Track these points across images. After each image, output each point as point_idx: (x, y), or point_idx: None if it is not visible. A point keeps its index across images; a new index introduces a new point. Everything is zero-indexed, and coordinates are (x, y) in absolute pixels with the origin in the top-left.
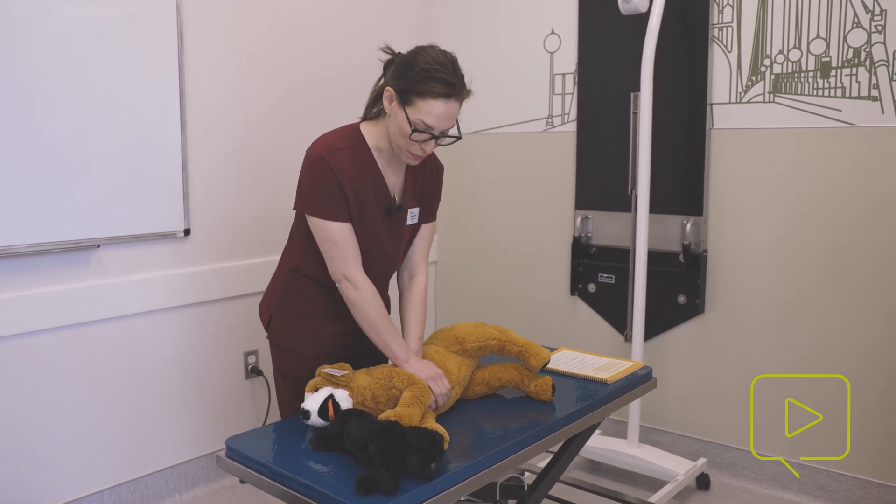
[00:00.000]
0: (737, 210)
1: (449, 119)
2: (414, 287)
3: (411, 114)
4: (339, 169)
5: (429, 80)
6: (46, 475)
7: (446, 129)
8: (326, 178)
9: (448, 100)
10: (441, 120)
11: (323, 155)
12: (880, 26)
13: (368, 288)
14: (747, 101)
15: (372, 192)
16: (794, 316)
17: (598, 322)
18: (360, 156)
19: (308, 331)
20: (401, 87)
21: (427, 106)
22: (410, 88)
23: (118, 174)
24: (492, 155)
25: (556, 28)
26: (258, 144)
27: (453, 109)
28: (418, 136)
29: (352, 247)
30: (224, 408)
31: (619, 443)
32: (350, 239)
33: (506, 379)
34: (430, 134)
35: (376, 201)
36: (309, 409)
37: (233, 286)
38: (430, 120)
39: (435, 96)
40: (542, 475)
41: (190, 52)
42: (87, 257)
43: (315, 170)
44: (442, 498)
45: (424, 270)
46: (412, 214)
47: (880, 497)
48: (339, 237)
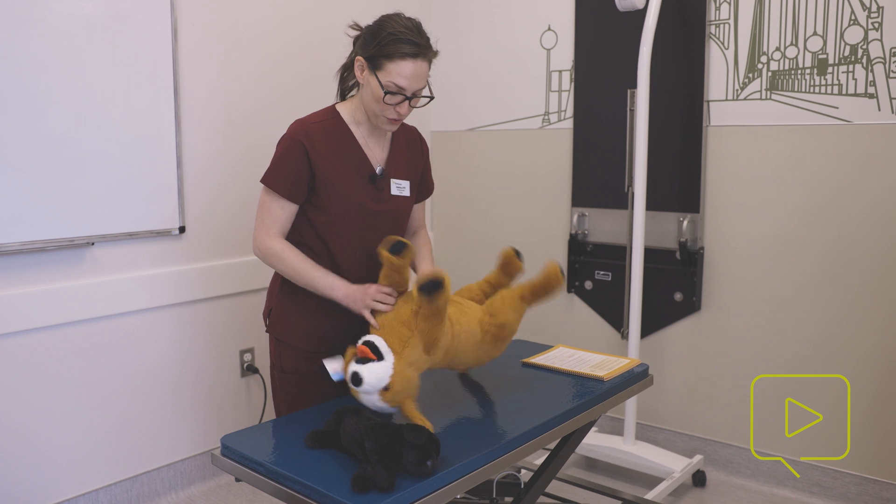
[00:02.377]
0: (733, 207)
1: (419, 79)
2: (418, 235)
3: (382, 77)
4: (314, 146)
5: (396, 42)
6: (41, 474)
7: (418, 90)
8: (295, 157)
9: (416, 59)
10: (412, 80)
11: (297, 136)
12: (877, 23)
13: (282, 248)
14: (744, 98)
15: (352, 164)
16: (791, 313)
17: (594, 319)
18: (336, 129)
19: (305, 325)
20: (370, 54)
21: (396, 67)
22: (379, 53)
23: (112, 172)
24: (488, 152)
25: (552, 25)
26: (253, 142)
27: (422, 69)
28: (391, 99)
29: (280, 221)
30: (220, 406)
31: (616, 440)
32: (284, 215)
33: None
34: (403, 95)
35: (357, 171)
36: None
37: (228, 284)
38: (401, 81)
39: (403, 57)
40: (539, 472)
41: (184, 49)
42: (81, 255)
43: (285, 149)
44: (438, 495)
45: (424, 231)
46: (399, 185)
47: (875, 493)
48: (274, 210)
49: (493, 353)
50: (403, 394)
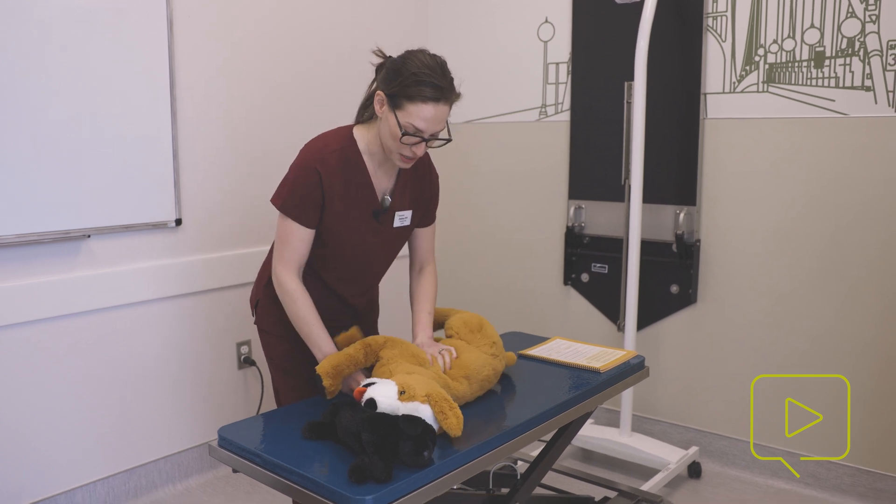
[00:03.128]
0: (730, 200)
1: (438, 122)
2: (424, 275)
3: (401, 118)
4: (328, 175)
5: (418, 84)
6: (39, 466)
7: (436, 132)
8: (310, 184)
9: (437, 103)
10: (431, 123)
11: (314, 164)
12: (874, 16)
13: (294, 289)
14: (741, 90)
15: (359, 196)
16: (787, 305)
17: (591, 311)
18: (351, 159)
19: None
20: (391, 92)
21: (417, 110)
22: (400, 93)
23: (109, 164)
24: (485, 145)
25: (549, 17)
26: (249, 135)
27: (443, 113)
28: (408, 140)
29: (297, 252)
30: (217, 398)
31: (612, 431)
32: (300, 245)
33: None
34: (420, 137)
35: (363, 205)
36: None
37: (225, 276)
38: (420, 123)
39: (424, 100)
40: (535, 464)
41: (180, 41)
42: (77, 247)
43: (302, 174)
44: (434, 486)
45: (432, 270)
46: (401, 217)
47: (869, 484)
48: (291, 237)
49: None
50: (420, 385)
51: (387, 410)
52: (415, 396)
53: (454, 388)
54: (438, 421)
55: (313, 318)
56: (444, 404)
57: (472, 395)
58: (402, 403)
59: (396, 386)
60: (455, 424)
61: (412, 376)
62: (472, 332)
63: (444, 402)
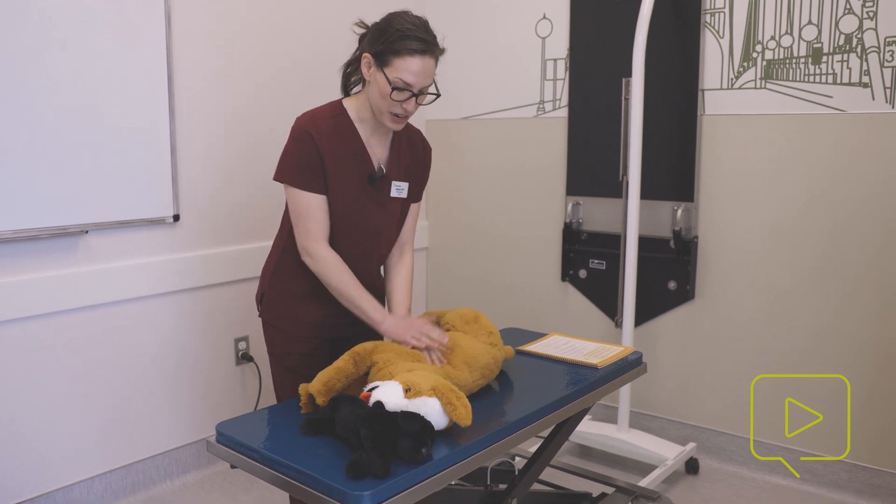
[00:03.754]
0: (727, 196)
1: (426, 76)
2: (403, 263)
3: (390, 73)
4: (321, 139)
5: (404, 38)
6: (36, 462)
7: (425, 87)
8: (307, 148)
9: (423, 56)
10: (419, 77)
11: (306, 127)
12: (872, 12)
13: (331, 258)
14: (739, 87)
15: (353, 161)
16: (785, 302)
17: (588, 308)
18: (343, 126)
19: (295, 310)
20: (377, 50)
21: (404, 63)
22: (387, 49)
23: (107, 160)
24: (483, 141)
25: (547, 13)
26: (247, 130)
27: (429, 66)
28: (398, 95)
29: (319, 221)
30: (215, 394)
31: (610, 427)
32: (318, 213)
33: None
34: (410, 91)
35: (358, 170)
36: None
37: (222, 272)
38: (409, 77)
39: (411, 53)
40: (533, 460)
41: (177, 36)
42: (75, 243)
43: (297, 141)
44: (432, 482)
45: (411, 249)
46: (398, 187)
47: (866, 480)
48: (307, 209)
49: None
50: (424, 380)
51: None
52: (421, 392)
53: (456, 376)
54: (447, 412)
55: (357, 290)
56: (451, 395)
57: (473, 384)
58: (410, 401)
59: (401, 385)
60: (464, 414)
61: (414, 373)
62: (467, 323)
63: (451, 393)
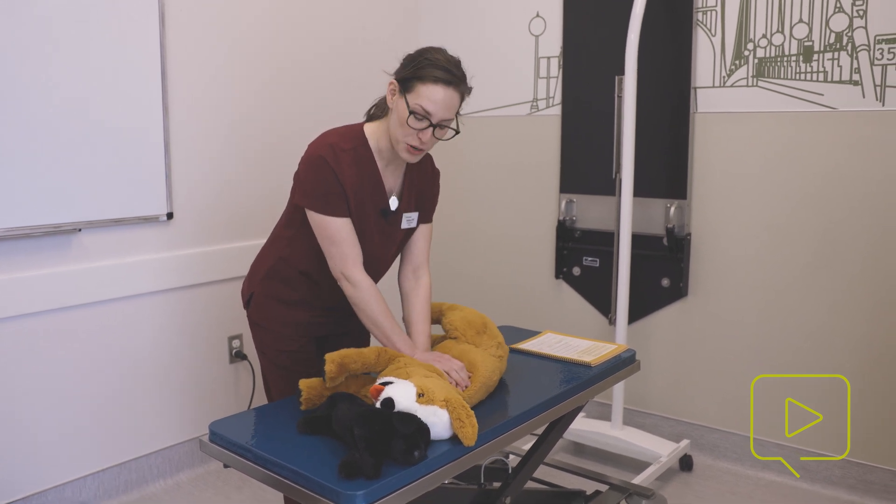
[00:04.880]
0: (720, 194)
1: (447, 108)
2: (420, 287)
3: (411, 99)
4: (341, 170)
5: (432, 67)
6: (29, 461)
7: (445, 120)
8: (327, 176)
9: (448, 87)
10: (440, 107)
11: (324, 154)
12: (862, 11)
13: (369, 286)
14: (731, 85)
15: (370, 195)
16: (778, 298)
17: (582, 305)
18: (363, 157)
19: (287, 314)
20: (403, 76)
21: (427, 90)
22: (412, 75)
23: (99, 158)
24: (476, 138)
25: (541, 11)
26: (241, 128)
27: (453, 99)
28: (415, 123)
29: (351, 245)
30: (208, 392)
31: (603, 425)
32: (349, 237)
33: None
34: (428, 121)
35: (373, 203)
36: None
37: (216, 270)
38: (429, 105)
39: (435, 81)
40: (527, 458)
41: (171, 33)
42: (68, 241)
43: (316, 168)
44: (426, 481)
45: (427, 271)
46: (408, 219)
47: (860, 476)
48: (339, 234)
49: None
50: (439, 389)
51: (404, 411)
52: (434, 400)
53: (470, 397)
54: (454, 427)
55: (391, 322)
56: (461, 411)
57: (478, 399)
58: (421, 406)
59: (415, 388)
60: (471, 434)
61: (430, 379)
62: (477, 334)
63: (461, 410)
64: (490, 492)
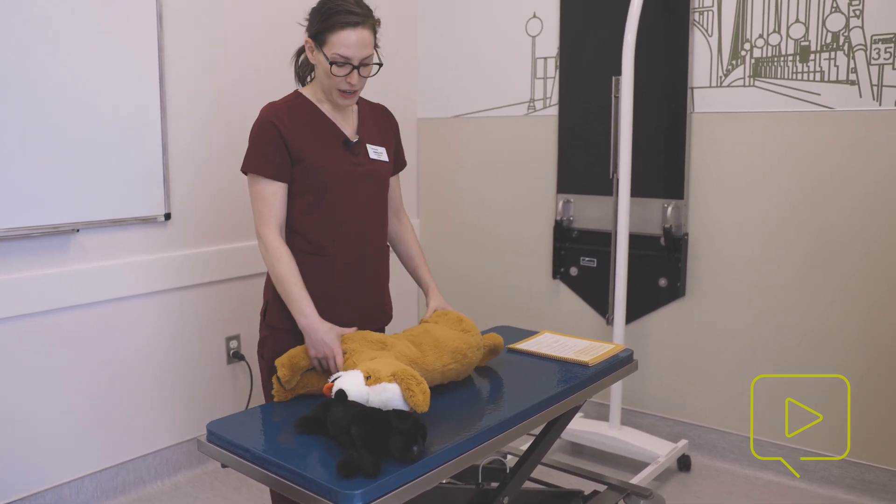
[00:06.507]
0: (717, 193)
1: (363, 47)
2: (405, 225)
3: (328, 51)
4: (282, 122)
5: (336, 14)
6: (26, 461)
7: (365, 58)
8: (268, 134)
9: (356, 28)
10: (355, 48)
11: (263, 116)
12: (858, 10)
13: (278, 246)
14: (727, 85)
15: (323, 134)
16: (775, 298)
17: (579, 305)
18: (303, 106)
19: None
20: (314, 32)
21: (338, 38)
22: (321, 28)
23: (98, 158)
24: (473, 139)
25: (537, 12)
26: (239, 129)
27: (365, 37)
28: (339, 70)
29: (273, 208)
30: (206, 393)
31: (601, 425)
32: (273, 200)
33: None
34: (350, 64)
35: (330, 140)
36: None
37: (214, 271)
38: (345, 50)
39: (343, 27)
40: (524, 458)
41: (169, 33)
42: (66, 242)
43: (256, 130)
44: (423, 480)
45: (405, 213)
46: (376, 151)
47: (857, 476)
48: (265, 194)
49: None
50: (385, 367)
51: (357, 398)
52: (381, 378)
53: (423, 360)
54: (405, 398)
55: (295, 278)
56: (410, 381)
57: (444, 368)
58: (370, 388)
59: (362, 373)
60: (422, 400)
61: (375, 361)
62: (438, 317)
63: (410, 379)
64: (488, 492)
